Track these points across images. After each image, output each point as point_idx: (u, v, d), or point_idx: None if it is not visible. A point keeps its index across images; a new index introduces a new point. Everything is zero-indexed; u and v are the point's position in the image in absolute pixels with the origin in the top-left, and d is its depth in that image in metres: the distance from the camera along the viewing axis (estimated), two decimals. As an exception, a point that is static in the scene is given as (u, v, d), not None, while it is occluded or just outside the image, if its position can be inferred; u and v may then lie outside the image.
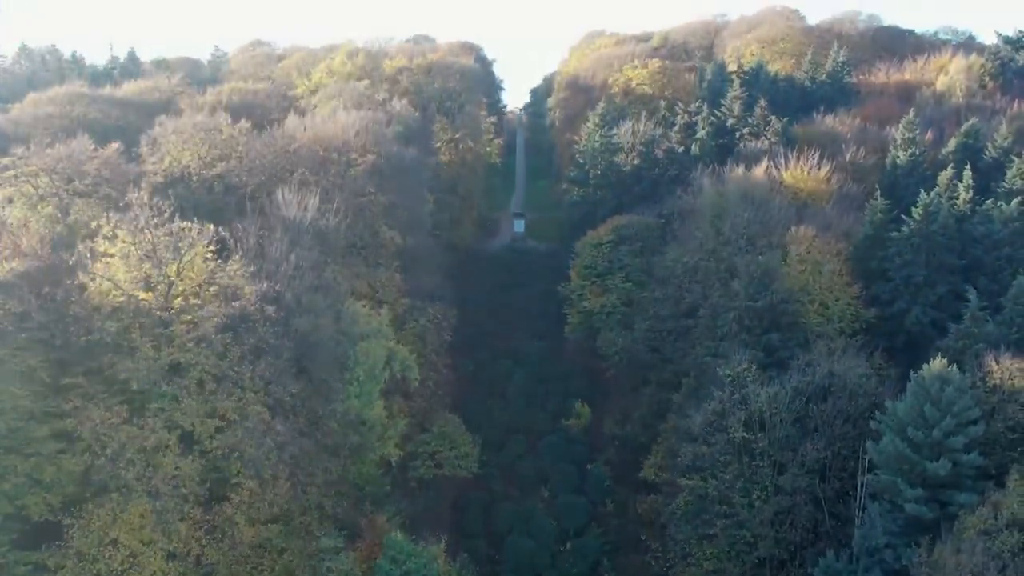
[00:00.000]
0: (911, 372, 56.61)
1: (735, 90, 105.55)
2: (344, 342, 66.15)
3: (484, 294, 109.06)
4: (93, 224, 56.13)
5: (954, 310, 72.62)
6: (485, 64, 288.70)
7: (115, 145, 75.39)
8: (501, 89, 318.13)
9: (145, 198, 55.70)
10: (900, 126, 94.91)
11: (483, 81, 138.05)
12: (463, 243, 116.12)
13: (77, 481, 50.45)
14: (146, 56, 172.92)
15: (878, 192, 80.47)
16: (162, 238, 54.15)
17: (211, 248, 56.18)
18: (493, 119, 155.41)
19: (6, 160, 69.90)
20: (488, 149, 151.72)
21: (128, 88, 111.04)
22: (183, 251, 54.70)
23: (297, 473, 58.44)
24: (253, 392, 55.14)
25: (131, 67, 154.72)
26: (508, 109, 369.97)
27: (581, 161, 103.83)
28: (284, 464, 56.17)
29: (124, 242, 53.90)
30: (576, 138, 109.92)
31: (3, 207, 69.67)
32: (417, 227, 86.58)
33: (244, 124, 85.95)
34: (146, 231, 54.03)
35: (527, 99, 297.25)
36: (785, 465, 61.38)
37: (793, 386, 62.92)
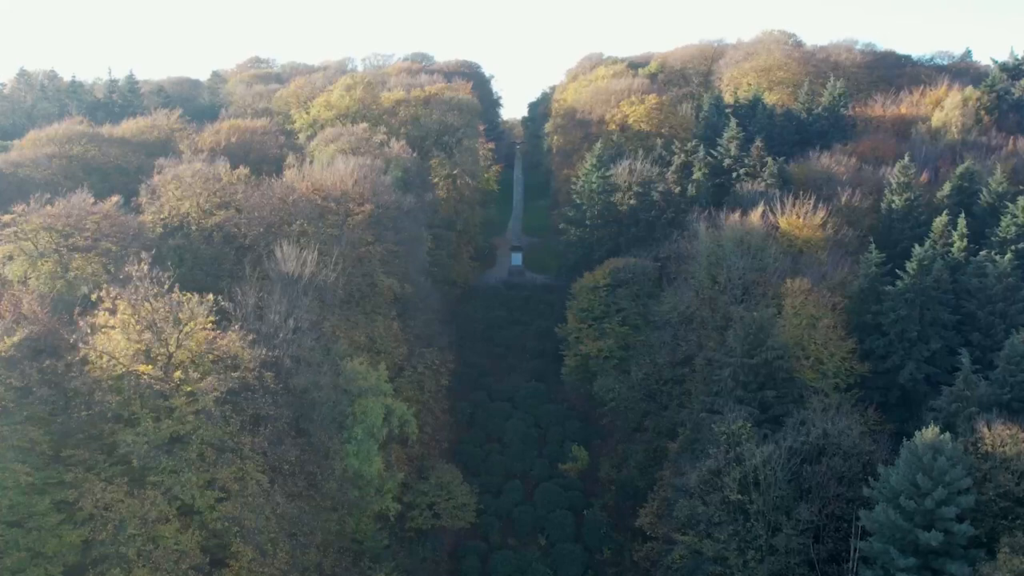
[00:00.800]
0: (904, 439, 57.25)
1: (731, 130, 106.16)
2: (343, 400, 66.69)
3: (481, 332, 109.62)
4: (94, 296, 56.37)
5: (948, 365, 73.50)
6: (483, 81, 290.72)
7: (114, 199, 75.75)
8: (499, 106, 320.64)
9: (145, 269, 56.08)
10: (895, 169, 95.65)
11: (481, 110, 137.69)
12: (461, 277, 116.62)
13: (78, 551, 51.00)
14: (144, 73, 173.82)
15: (872, 245, 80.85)
16: (161, 311, 54.62)
17: (211, 318, 56.60)
18: (491, 145, 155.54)
19: (7, 217, 70.28)
20: (486, 175, 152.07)
21: (127, 127, 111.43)
22: (183, 323, 55.20)
23: (296, 535, 58.97)
24: (252, 460, 55.71)
25: (131, 96, 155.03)
26: (506, 119, 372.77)
27: (578, 201, 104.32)
28: (283, 531, 56.73)
29: (124, 315, 54.35)
30: (573, 176, 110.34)
31: (4, 263, 70.28)
32: (415, 274, 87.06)
33: (243, 171, 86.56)
34: (146, 303, 54.49)
35: (526, 106, 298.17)
36: (779, 526, 61.87)
37: (788, 446, 63.41)
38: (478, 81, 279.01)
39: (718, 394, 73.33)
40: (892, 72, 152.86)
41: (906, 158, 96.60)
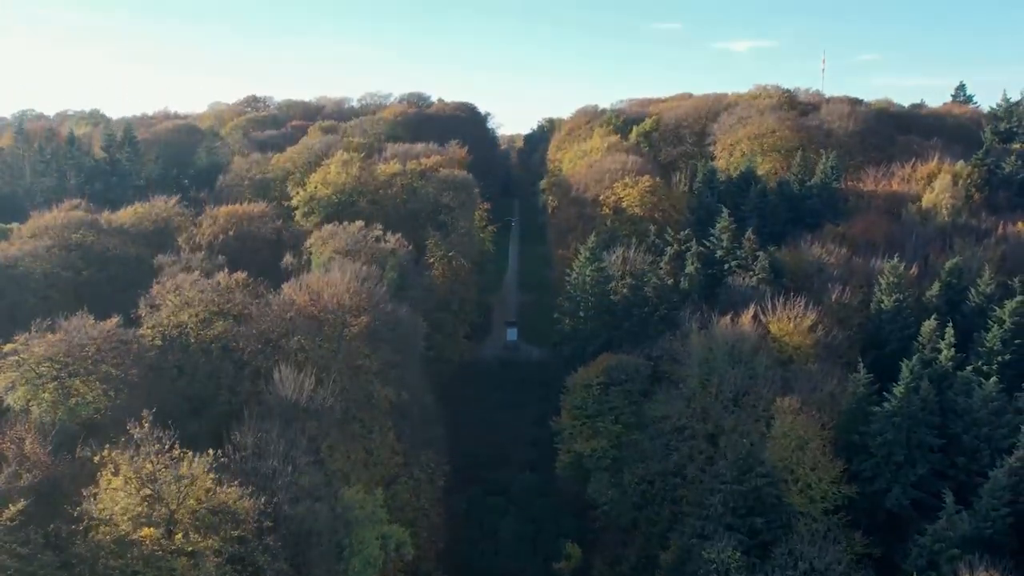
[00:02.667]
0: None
1: (724, 220, 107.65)
2: (341, 530, 67.81)
3: (477, 416, 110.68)
4: (95, 458, 57.47)
5: (934, 489, 74.71)
6: (480, 119, 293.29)
7: (114, 320, 76.86)
8: (496, 144, 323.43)
9: (146, 427, 57.29)
10: (886, 269, 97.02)
11: (477, 186, 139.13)
12: (457, 356, 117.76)
13: None
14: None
15: (861, 363, 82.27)
16: (163, 471, 55.80)
17: (211, 475, 57.75)
18: (487, 206, 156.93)
19: (9, 347, 71.50)
20: (482, 236, 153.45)
21: (125, 215, 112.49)
22: (184, 479, 56.39)
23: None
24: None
25: (131, 154, 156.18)
26: (508, 133, 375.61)
27: (573, 293, 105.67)
28: None
29: (127, 474, 55.52)
30: (568, 266, 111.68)
31: (6, 392, 71.41)
32: (412, 379, 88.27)
33: (240, 276, 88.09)
34: (147, 463, 55.71)
35: (525, 129, 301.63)
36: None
37: (776, 582, 64.88)
38: (475, 120, 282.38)
39: (708, 518, 74.63)
40: (885, 140, 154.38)
41: (896, 259, 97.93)
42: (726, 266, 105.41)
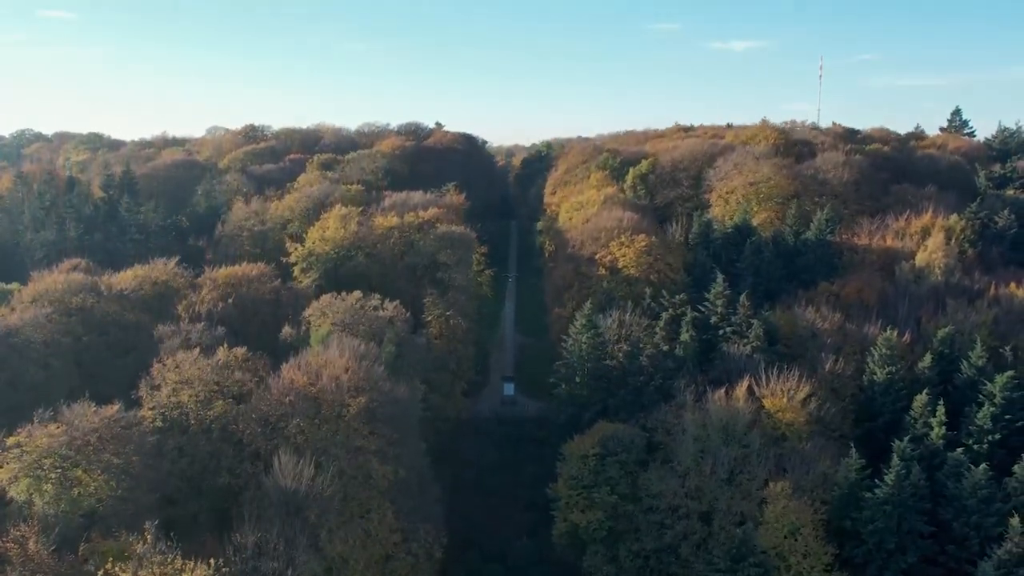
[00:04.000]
0: None
1: (718, 285, 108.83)
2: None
3: (474, 478, 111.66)
4: (100, 573, 58.35)
5: (925, 576, 75.85)
6: (476, 148, 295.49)
7: (115, 407, 77.78)
8: (493, 165, 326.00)
9: (149, 540, 58.27)
10: (879, 341, 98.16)
11: (474, 238, 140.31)
12: (454, 413, 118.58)
13: None
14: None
15: (852, 450, 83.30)
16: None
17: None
18: (484, 249, 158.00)
19: (12, 440, 72.38)
20: (479, 280, 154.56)
21: (125, 278, 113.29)
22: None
23: None
24: None
25: (131, 205, 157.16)
26: (502, 145, 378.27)
27: (569, 359, 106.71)
28: None
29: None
30: (563, 333, 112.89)
31: (9, 484, 72.26)
32: (409, 456, 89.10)
33: (240, 353, 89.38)
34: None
35: (524, 151, 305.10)
36: None
37: None
38: (472, 149, 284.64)
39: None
40: (879, 189, 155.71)
41: (888, 329, 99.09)
42: (721, 332, 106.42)
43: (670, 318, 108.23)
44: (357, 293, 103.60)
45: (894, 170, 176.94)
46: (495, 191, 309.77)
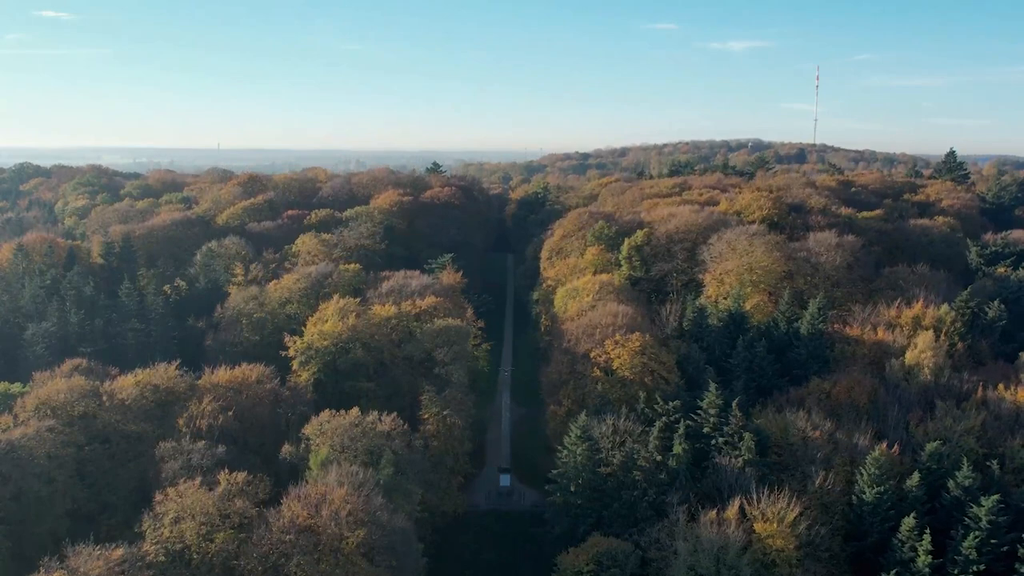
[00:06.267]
0: None
1: (711, 395, 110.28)
2: None
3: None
4: None
5: None
6: (472, 194, 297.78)
7: (119, 550, 79.26)
8: (490, 207, 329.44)
9: None
10: (868, 461, 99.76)
11: (470, 329, 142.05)
12: (451, 508, 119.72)
13: None
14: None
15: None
16: None
17: None
18: (481, 324, 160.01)
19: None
20: (476, 354, 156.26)
21: (126, 384, 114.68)
22: None
23: None
24: None
25: (130, 291, 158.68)
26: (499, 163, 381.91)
27: (564, 471, 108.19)
28: None
29: None
30: (561, 421, 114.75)
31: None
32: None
33: (240, 476, 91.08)
34: None
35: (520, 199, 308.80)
36: None
37: None
38: (469, 196, 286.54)
39: None
40: (870, 271, 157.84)
41: (877, 450, 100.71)
42: (713, 442, 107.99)
43: (664, 425, 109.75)
44: (355, 411, 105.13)
45: (887, 244, 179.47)
46: (491, 233, 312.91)
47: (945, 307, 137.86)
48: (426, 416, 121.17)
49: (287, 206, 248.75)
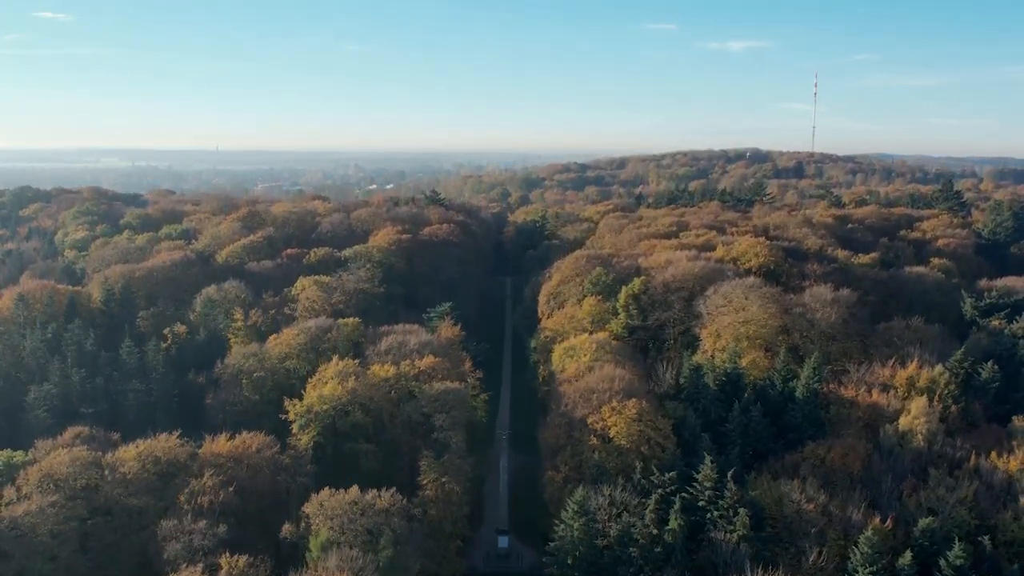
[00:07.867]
0: None
1: (707, 467, 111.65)
2: None
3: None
4: None
5: None
6: (471, 229, 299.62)
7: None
8: (488, 233, 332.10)
9: None
10: (861, 541, 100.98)
11: (468, 391, 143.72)
12: (447, 574, 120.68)
13: None
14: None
15: None
16: None
17: None
18: (479, 374, 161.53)
19: None
20: (474, 404, 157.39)
21: (128, 455, 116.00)
22: None
23: None
24: None
25: (130, 350, 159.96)
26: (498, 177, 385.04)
27: (561, 546, 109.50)
28: None
29: None
30: (558, 486, 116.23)
31: None
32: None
33: (241, 560, 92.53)
34: None
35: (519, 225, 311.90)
36: None
37: None
38: (467, 232, 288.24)
39: None
40: (865, 326, 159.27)
41: (870, 529, 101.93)
42: (708, 515, 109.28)
43: (660, 498, 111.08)
44: (354, 490, 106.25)
45: (882, 293, 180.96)
46: (490, 259, 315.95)
47: (939, 368, 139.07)
48: (425, 482, 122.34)
49: (286, 241, 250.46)
